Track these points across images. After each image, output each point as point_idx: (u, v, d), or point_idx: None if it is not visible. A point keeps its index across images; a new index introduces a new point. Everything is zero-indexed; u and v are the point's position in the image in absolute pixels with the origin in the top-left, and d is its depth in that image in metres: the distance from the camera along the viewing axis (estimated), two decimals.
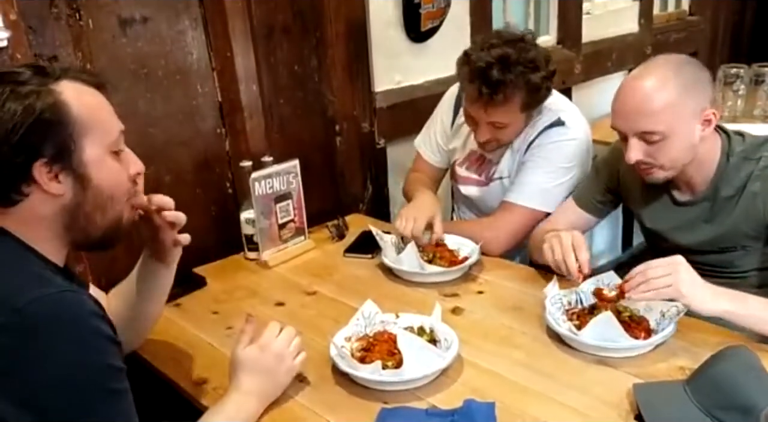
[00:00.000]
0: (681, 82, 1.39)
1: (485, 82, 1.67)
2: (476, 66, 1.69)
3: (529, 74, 1.69)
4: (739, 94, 3.04)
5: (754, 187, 1.46)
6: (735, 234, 1.52)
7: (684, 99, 1.39)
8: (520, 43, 1.72)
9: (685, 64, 1.44)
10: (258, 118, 2.01)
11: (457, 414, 1.19)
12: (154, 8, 1.73)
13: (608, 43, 3.27)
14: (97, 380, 0.93)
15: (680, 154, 1.44)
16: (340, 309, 1.59)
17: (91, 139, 1.02)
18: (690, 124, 1.41)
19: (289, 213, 1.90)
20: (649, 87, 1.40)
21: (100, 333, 0.95)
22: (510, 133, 1.84)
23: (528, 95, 1.73)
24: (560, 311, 1.47)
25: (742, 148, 1.49)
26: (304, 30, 2.06)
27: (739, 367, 1.15)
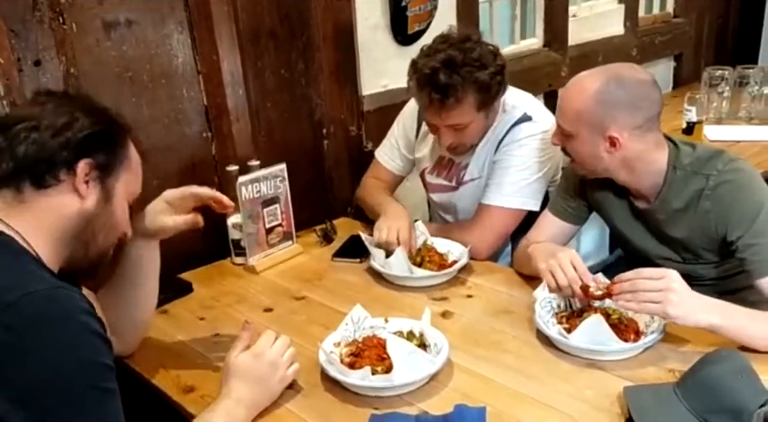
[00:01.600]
0: (596, 97, 1.44)
1: (434, 88, 1.67)
2: (423, 73, 1.69)
3: (476, 73, 1.68)
4: (723, 95, 3.07)
5: (705, 205, 1.46)
6: (691, 247, 1.53)
7: (595, 112, 1.44)
8: (465, 43, 1.71)
9: (615, 81, 1.45)
10: (245, 122, 2.00)
11: (447, 419, 1.19)
12: (139, 12, 1.72)
13: (594, 46, 3.27)
14: (88, 377, 0.94)
15: (586, 158, 1.52)
16: (329, 314, 1.58)
17: (127, 178, 1.16)
18: (592, 135, 1.47)
19: (276, 217, 1.89)
20: (574, 88, 1.50)
21: (92, 330, 0.96)
22: (473, 134, 1.83)
23: (479, 94, 1.72)
24: (550, 314, 1.47)
25: (689, 160, 1.48)
26: (291, 34, 2.05)
27: (729, 370, 1.15)
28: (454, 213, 2.07)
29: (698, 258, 1.56)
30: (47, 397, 0.90)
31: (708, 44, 4.00)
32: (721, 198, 1.44)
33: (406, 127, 2.07)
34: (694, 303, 1.28)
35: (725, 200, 1.43)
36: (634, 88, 1.45)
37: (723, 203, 1.44)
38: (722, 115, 3.08)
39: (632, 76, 1.47)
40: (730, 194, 1.43)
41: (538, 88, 2.98)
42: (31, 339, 0.90)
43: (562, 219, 1.73)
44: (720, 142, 2.79)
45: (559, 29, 3.08)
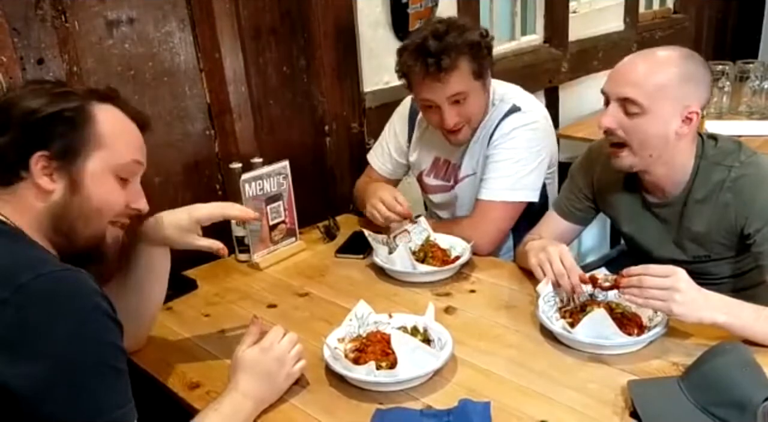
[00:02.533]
0: (681, 70, 1.39)
1: (427, 54, 1.69)
2: (413, 46, 1.72)
3: (464, 34, 1.72)
4: (724, 90, 3.07)
5: (725, 197, 1.45)
6: (707, 240, 1.51)
7: (675, 86, 1.38)
8: (446, 19, 1.78)
9: (692, 57, 1.43)
10: (247, 120, 2.00)
11: (452, 414, 1.19)
12: (141, 9, 1.72)
13: (594, 42, 3.28)
14: (100, 354, 0.95)
15: (652, 139, 1.41)
16: (333, 310, 1.58)
17: (100, 155, 1.08)
18: (671, 112, 1.40)
19: (279, 214, 1.89)
20: (650, 60, 1.40)
21: (102, 311, 0.97)
22: (474, 107, 1.81)
23: (471, 55, 1.73)
24: (553, 309, 1.47)
25: (714, 152, 1.48)
26: (292, 31, 2.05)
27: (733, 363, 1.16)
28: (452, 212, 2.07)
29: (710, 256, 1.54)
30: (61, 374, 0.91)
31: (708, 39, 4.01)
32: (741, 190, 1.43)
33: (397, 132, 2.06)
34: (699, 302, 1.28)
35: (746, 192, 1.43)
36: (706, 66, 1.45)
37: (743, 195, 1.43)
38: (723, 110, 3.08)
39: (695, 54, 1.47)
40: (750, 186, 1.43)
41: (538, 84, 2.99)
42: (42, 317, 0.91)
43: (567, 219, 1.73)
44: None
45: (559, 25, 3.09)
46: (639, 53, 1.45)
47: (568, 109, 3.23)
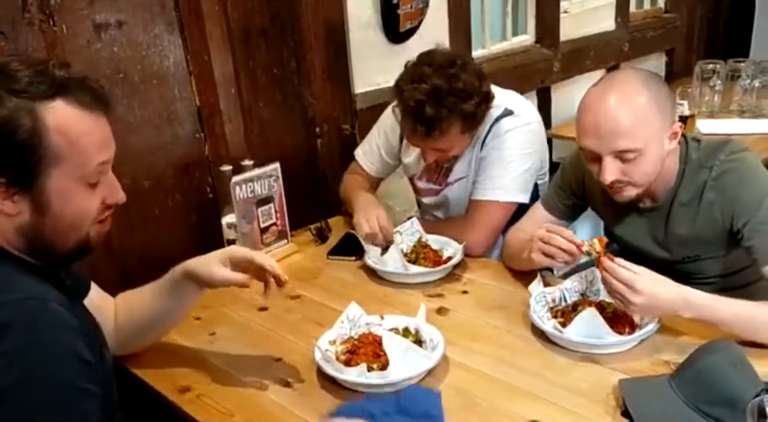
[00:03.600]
0: (651, 96, 1.37)
1: (419, 121, 1.68)
2: (408, 105, 1.69)
3: (461, 105, 1.68)
4: (715, 89, 3.08)
5: (709, 197, 1.45)
6: (697, 241, 1.51)
7: (657, 114, 1.37)
8: (449, 69, 1.70)
9: (649, 79, 1.42)
10: (237, 122, 1.99)
11: (400, 399, 1.20)
12: (129, 12, 1.71)
13: (586, 42, 3.29)
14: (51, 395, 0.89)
15: (653, 168, 1.42)
16: (325, 312, 1.58)
17: (61, 169, 0.98)
18: (661, 137, 1.39)
19: (271, 216, 1.89)
20: (621, 104, 1.35)
21: (63, 348, 0.91)
22: (456, 152, 1.84)
23: (464, 123, 1.73)
24: (545, 309, 1.47)
25: (697, 154, 1.47)
26: (282, 33, 2.05)
27: (724, 360, 1.16)
28: (445, 213, 2.07)
29: (699, 256, 1.54)
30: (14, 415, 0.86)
31: (699, 38, 4.02)
32: (724, 187, 1.43)
33: (388, 136, 2.06)
34: (658, 303, 1.30)
35: (729, 189, 1.42)
36: (660, 78, 1.45)
37: (727, 192, 1.42)
38: (714, 109, 3.09)
39: (646, 71, 1.47)
40: (733, 182, 1.42)
41: (530, 85, 2.99)
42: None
43: (553, 214, 1.73)
44: (713, 135, 2.80)
45: (550, 25, 3.09)
46: (600, 98, 1.38)
47: (560, 109, 3.23)
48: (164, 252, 1.39)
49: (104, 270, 1.75)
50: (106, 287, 1.41)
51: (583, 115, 1.41)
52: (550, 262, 1.48)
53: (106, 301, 1.37)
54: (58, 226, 1.01)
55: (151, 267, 1.43)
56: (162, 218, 1.87)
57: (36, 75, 0.97)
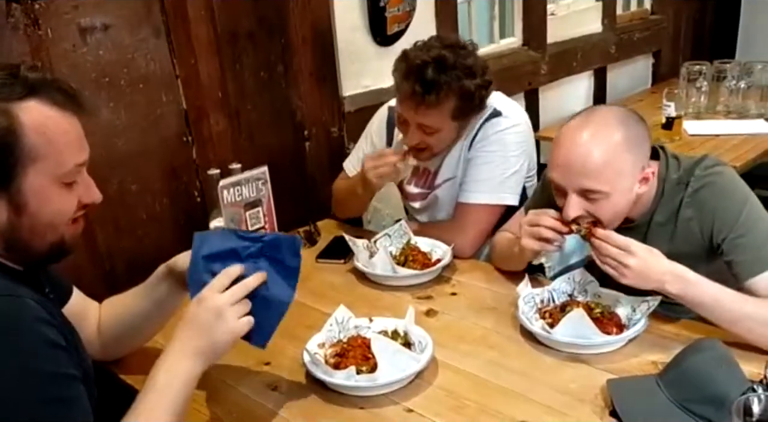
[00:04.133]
0: (625, 138, 1.34)
1: (419, 80, 1.67)
2: (413, 63, 1.69)
3: (464, 79, 1.69)
4: (702, 90, 3.11)
5: (686, 213, 1.43)
6: (674, 257, 1.44)
7: (628, 155, 1.35)
8: (459, 49, 1.72)
9: (627, 118, 1.39)
10: (225, 125, 1.99)
11: (266, 239, 1.22)
12: (115, 16, 1.71)
13: (573, 44, 3.30)
14: (34, 387, 0.90)
15: (619, 210, 1.40)
16: (314, 315, 1.57)
17: (37, 169, 0.98)
18: (631, 181, 1.37)
19: (259, 220, 1.88)
20: (593, 143, 1.33)
21: (40, 339, 0.92)
22: (439, 141, 1.82)
23: (460, 101, 1.72)
24: (533, 310, 1.47)
25: (677, 175, 1.45)
26: (269, 36, 2.05)
27: (710, 360, 1.16)
28: (431, 216, 2.07)
29: None
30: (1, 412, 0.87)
31: (686, 40, 4.05)
32: (702, 203, 1.41)
33: (375, 141, 2.05)
34: (648, 275, 1.31)
35: (707, 204, 1.41)
36: (639, 117, 1.42)
37: (705, 207, 1.41)
38: (701, 110, 3.11)
39: (626, 109, 1.44)
40: (710, 197, 1.41)
41: (518, 87, 3.00)
42: None
43: None
44: (699, 136, 2.83)
45: (537, 28, 3.10)
46: (574, 134, 1.36)
47: (548, 111, 3.24)
48: (152, 257, 1.37)
49: (91, 275, 1.74)
50: (93, 293, 1.41)
51: (556, 147, 1.40)
52: (540, 245, 1.46)
53: (89, 306, 1.37)
54: (35, 226, 1.01)
55: (138, 273, 1.42)
56: (149, 222, 1.86)
57: (8, 77, 0.98)
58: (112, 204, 1.77)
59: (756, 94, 3.07)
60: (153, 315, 1.36)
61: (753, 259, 1.35)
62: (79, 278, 1.60)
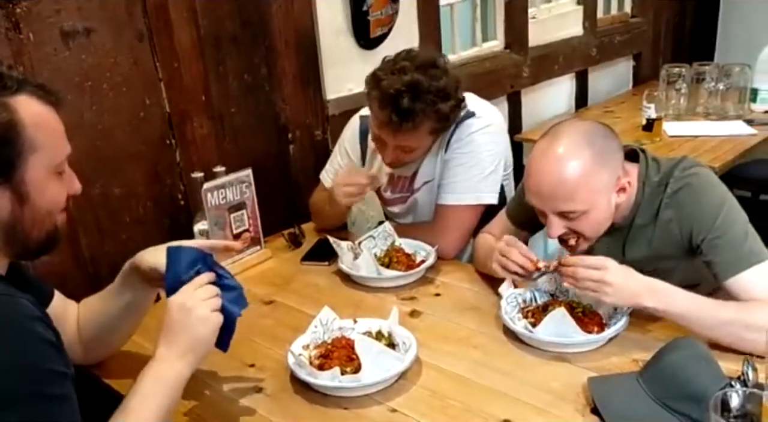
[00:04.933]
0: (594, 154, 1.35)
1: (395, 110, 1.68)
2: (387, 93, 1.68)
3: (439, 103, 1.70)
4: (681, 92, 3.15)
5: (666, 214, 1.45)
6: (654, 259, 1.50)
7: (600, 172, 1.36)
8: (431, 69, 1.71)
9: (595, 133, 1.40)
10: (208, 128, 1.99)
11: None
12: (98, 20, 1.70)
13: (554, 47, 3.32)
14: (32, 383, 0.91)
15: (601, 223, 1.43)
16: (298, 317, 1.58)
17: (37, 159, 1.02)
18: (607, 196, 1.40)
19: (243, 223, 1.88)
20: (563, 167, 1.35)
21: (37, 336, 0.94)
22: (416, 156, 1.85)
23: (436, 123, 1.75)
24: (516, 310, 1.49)
25: (657, 178, 1.47)
26: (253, 39, 2.05)
27: (689, 357, 1.18)
28: (411, 219, 2.08)
29: (658, 267, 1.52)
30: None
31: (666, 43, 4.09)
32: (680, 203, 1.43)
33: (349, 151, 2.05)
34: (630, 290, 1.32)
35: (686, 205, 1.42)
36: (606, 130, 1.43)
37: (684, 208, 1.43)
38: (681, 112, 3.15)
39: (592, 124, 1.45)
40: (689, 198, 1.42)
41: (500, 90, 3.02)
42: None
43: (516, 225, 1.73)
44: (679, 137, 2.87)
45: (519, 31, 3.12)
46: (544, 159, 1.38)
47: (530, 114, 3.26)
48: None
49: (75, 280, 1.73)
50: (78, 298, 1.40)
51: (527, 174, 1.42)
52: (505, 274, 1.50)
53: (69, 308, 1.37)
54: (36, 216, 1.04)
55: None
56: (133, 226, 1.86)
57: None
58: (96, 207, 1.77)
59: (734, 95, 3.12)
60: (124, 315, 1.36)
61: (731, 259, 1.37)
62: (63, 282, 1.60)
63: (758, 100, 3.13)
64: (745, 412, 0.99)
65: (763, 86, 3.12)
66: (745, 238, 1.38)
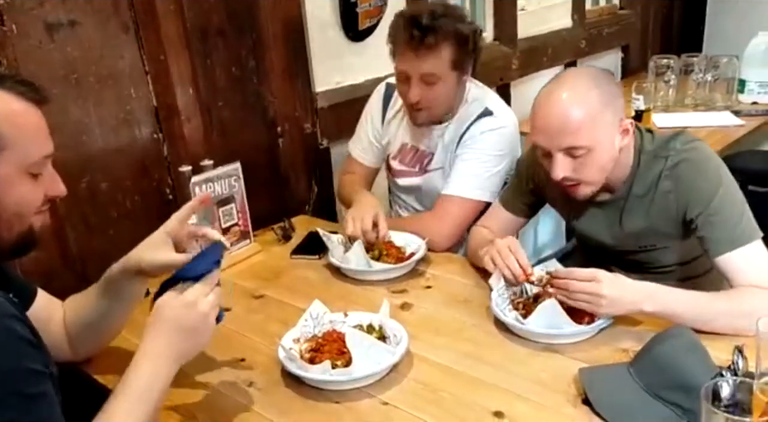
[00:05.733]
0: (600, 94, 1.39)
1: (416, 26, 1.74)
2: (408, 15, 1.79)
3: (457, 23, 1.77)
4: (670, 84, 3.16)
5: (664, 185, 1.47)
6: (652, 232, 1.53)
7: (605, 111, 1.39)
8: (447, 5, 1.86)
9: (599, 76, 1.44)
10: (196, 122, 1.97)
11: None
12: (82, 12, 1.68)
13: (543, 39, 3.32)
14: (10, 383, 0.89)
15: (605, 165, 1.44)
16: (289, 311, 1.57)
17: (5, 158, 0.99)
18: (611, 135, 1.42)
19: (232, 216, 1.87)
20: (570, 102, 1.38)
21: (14, 335, 0.92)
22: (441, 95, 1.85)
23: (456, 45, 1.78)
24: (506, 301, 1.49)
25: (652, 146, 1.49)
26: (240, 31, 2.03)
27: (679, 347, 1.18)
28: (418, 196, 2.10)
29: (655, 245, 1.57)
30: None
31: (654, 34, 4.10)
32: (680, 176, 1.45)
33: (373, 115, 2.10)
34: (622, 300, 1.32)
35: (684, 178, 1.44)
36: (610, 76, 1.47)
37: (682, 181, 1.44)
38: (669, 103, 3.16)
39: (597, 69, 1.50)
40: (688, 172, 1.44)
41: (489, 82, 2.99)
42: None
43: (512, 212, 1.75)
44: (668, 128, 2.87)
45: (508, 23, 3.11)
46: (550, 96, 1.41)
47: (519, 106, 3.24)
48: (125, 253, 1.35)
49: (62, 276, 1.72)
50: (65, 295, 1.39)
51: (535, 112, 1.44)
52: (495, 272, 1.50)
53: (54, 306, 1.35)
54: (2, 215, 1.01)
55: None
56: (120, 221, 1.84)
57: None
58: (82, 202, 1.75)
59: (722, 86, 3.13)
60: (113, 313, 1.34)
61: (726, 237, 1.39)
62: (50, 278, 1.60)
63: (746, 91, 3.15)
64: (736, 401, 0.98)
65: (750, 77, 3.14)
66: (741, 217, 1.41)
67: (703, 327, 1.30)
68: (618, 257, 1.62)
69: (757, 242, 1.39)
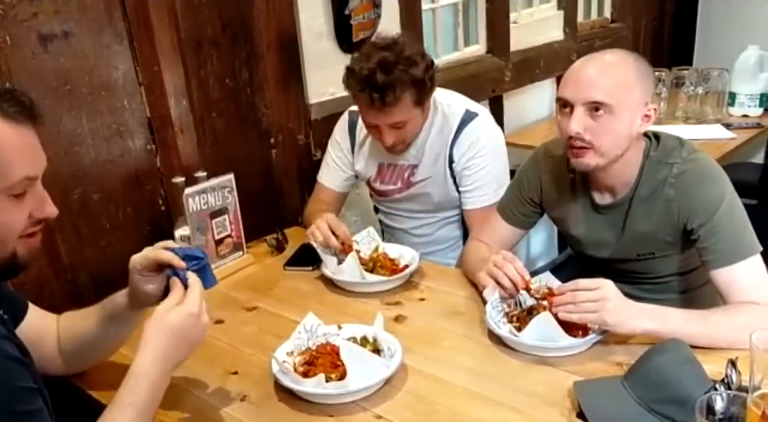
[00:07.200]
0: (637, 68, 1.43)
1: (373, 88, 1.73)
2: (361, 76, 1.75)
3: (410, 69, 1.76)
4: (661, 96, 3.18)
5: (668, 193, 1.47)
6: (652, 239, 1.53)
7: (636, 84, 1.42)
8: (394, 45, 1.79)
9: (641, 58, 1.47)
10: (189, 133, 1.97)
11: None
12: (76, 23, 1.68)
13: (536, 51, 3.34)
14: (3, 402, 0.89)
15: (618, 139, 1.43)
16: (282, 323, 1.56)
17: None
18: (634, 110, 1.42)
19: (225, 228, 1.87)
20: (609, 61, 1.43)
21: (4, 355, 0.91)
22: (412, 130, 1.89)
23: (415, 89, 1.79)
24: (501, 314, 1.48)
25: (657, 151, 1.50)
26: (234, 43, 2.03)
27: (673, 360, 1.18)
28: (404, 213, 2.11)
29: (654, 253, 1.57)
30: None
31: (645, 47, 4.13)
32: (684, 186, 1.45)
33: (341, 144, 2.10)
34: (628, 311, 1.32)
35: (688, 188, 1.45)
36: (645, 63, 1.48)
37: (686, 191, 1.45)
38: (660, 116, 3.17)
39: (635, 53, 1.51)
40: (693, 182, 1.45)
41: (482, 94, 3.03)
42: None
43: (511, 224, 1.75)
44: None
45: (501, 36, 3.13)
46: (590, 58, 1.45)
47: (512, 118, 3.28)
48: (116, 268, 1.34)
49: (55, 288, 1.71)
50: (57, 306, 1.38)
51: (571, 69, 1.46)
52: (490, 284, 1.50)
53: (48, 321, 1.33)
54: None
55: (103, 284, 1.40)
56: (113, 232, 1.83)
57: None
58: (75, 214, 1.74)
59: (713, 99, 3.16)
60: (109, 337, 1.33)
61: (726, 250, 1.40)
62: (41, 290, 1.59)
63: (736, 103, 3.18)
64: (731, 415, 0.99)
65: (740, 90, 3.17)
66: (743, 231, 1.42)
67: (701, 344, 1.30)
68: (614, 267, 1.62)
69: (757, 256, 1.40)
